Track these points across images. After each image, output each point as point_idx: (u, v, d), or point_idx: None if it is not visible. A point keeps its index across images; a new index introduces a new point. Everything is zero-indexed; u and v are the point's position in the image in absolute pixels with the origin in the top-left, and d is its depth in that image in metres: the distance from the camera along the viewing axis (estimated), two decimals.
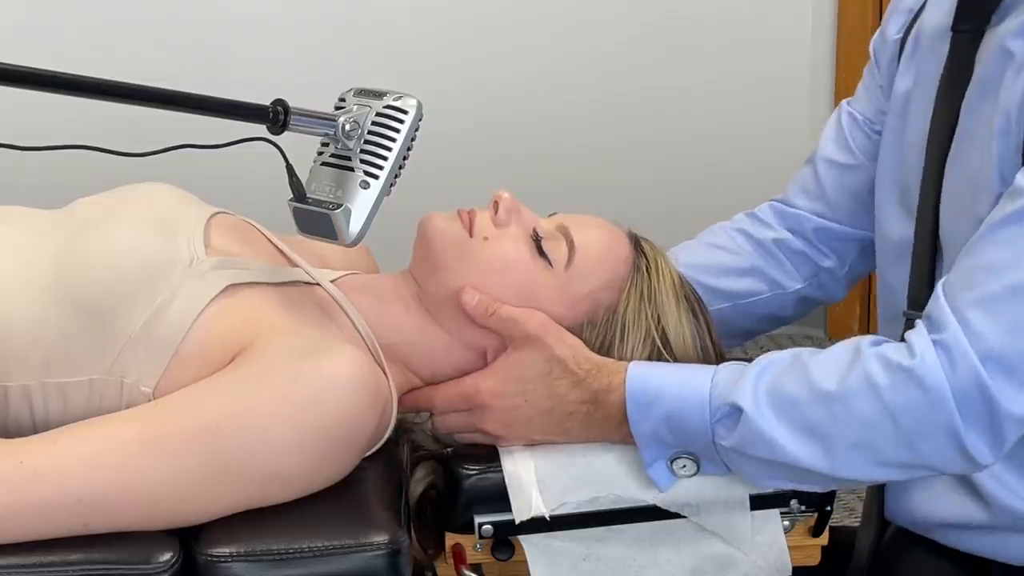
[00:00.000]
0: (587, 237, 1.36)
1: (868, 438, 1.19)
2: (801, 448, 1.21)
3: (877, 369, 1.19)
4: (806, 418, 1.21)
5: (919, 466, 1.22)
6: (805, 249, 1.59)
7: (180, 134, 1.23)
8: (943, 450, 1.18)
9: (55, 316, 1.25)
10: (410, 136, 1.25)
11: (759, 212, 1.63)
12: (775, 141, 3.24)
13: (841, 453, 1.20)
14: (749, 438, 1.22)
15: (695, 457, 1.27)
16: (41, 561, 1.14)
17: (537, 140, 3.16)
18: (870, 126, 1.54)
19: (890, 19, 1.51)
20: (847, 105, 1.58)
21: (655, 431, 1.27)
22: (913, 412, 1.17)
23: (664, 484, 1.29)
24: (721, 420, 1.24)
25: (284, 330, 1.27)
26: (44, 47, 2.32)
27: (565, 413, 1.30)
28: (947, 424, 1.17)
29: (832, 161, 1.57)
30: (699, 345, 1.36)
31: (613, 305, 1.35)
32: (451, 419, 1.35)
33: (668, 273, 1.38)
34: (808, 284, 1.60)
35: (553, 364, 1.31)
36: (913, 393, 1.17)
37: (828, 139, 1.58)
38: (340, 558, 1.17)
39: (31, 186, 1.91)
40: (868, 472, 1.23)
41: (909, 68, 1.44)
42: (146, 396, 1.24)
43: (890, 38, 1.50)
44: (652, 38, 3.20)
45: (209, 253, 1.32)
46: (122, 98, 1.13)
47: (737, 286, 1.58)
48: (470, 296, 1.32)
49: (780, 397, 1.22)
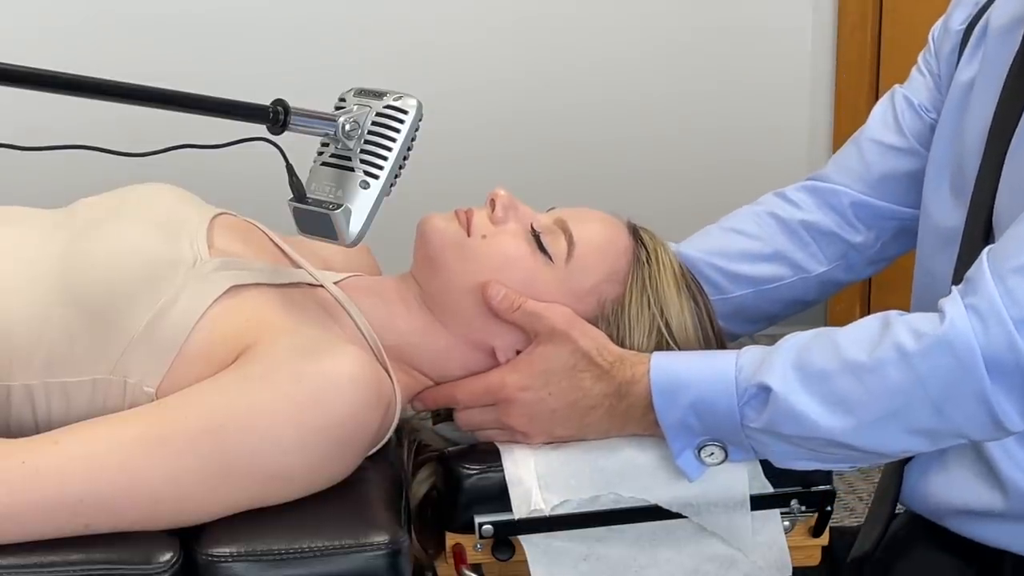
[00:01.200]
0: (586, 230, 1.36)
1: (899, 407, 1.19)
2: (833, 420, 1.21)
3: (907, 337, 1.19)
4: (837, 390, 1.21)
5: (949, 433, 1.22)
6: (835, 228, 1.58)
7: (180, 134, 1.23)
8: (972, 415, 1.18)
9: (58, 316, 1.25)
10: (410, 136, 1.25)
11: (789, 192, 1.61)
12: (775, 142, 3.25)
13: (873, 423, 1.20)
14: (779, 416, 1.23)
15: (723, 444, 1.28)
16: (41, 561, 1.14)
17: (537, 142, 3.16)
18: (925, 112, 1.54)
19: (954, 10, 1.51)
20: (901, 89, 1.58)
21: (682, 419, 1.27)
22: (942, 377, 1.17)
23: (693, 474, 1.29)
24: (749, 402, 1.24)
25: (287, 330, 1.27)
26: (44, 47, 2.32)
27: (588, 407, 1.31)
28: (977, 388, 1.17)
29: (880, 142, 1.56)
30: (700, 334, 1.37)
31: (619, 298, 1.35)
32: (475, 415, 1.35)
33: (668, 263, 1.38)
34: (834, 266, 1.59)
35: (578, 357, 1.31)
36: (943, 358, 1.17)
37: (877, 120, 1.58)
38: (340, 558, 1.18)
39: (31, 186, 1.92)
40: (898, 442, 1.23)
41: (974, 58, 1.45)
42: (149, 396, 1.24)
43: (953, 28, 1.50)
44: (652, 39, 3.20)
45: (212, 254, 1.32)
46: (122, 98, 1.13)
47: (759, 271, 1.57)
48: (496, 291, 1.32)
49: (810, 371, 1.22)
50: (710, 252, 1.53)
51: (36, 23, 2.88)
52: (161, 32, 2.93)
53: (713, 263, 1.54)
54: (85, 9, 2.91)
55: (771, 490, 1.32)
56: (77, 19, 2.90)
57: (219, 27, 2.99)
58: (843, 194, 1.58)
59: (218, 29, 2.99)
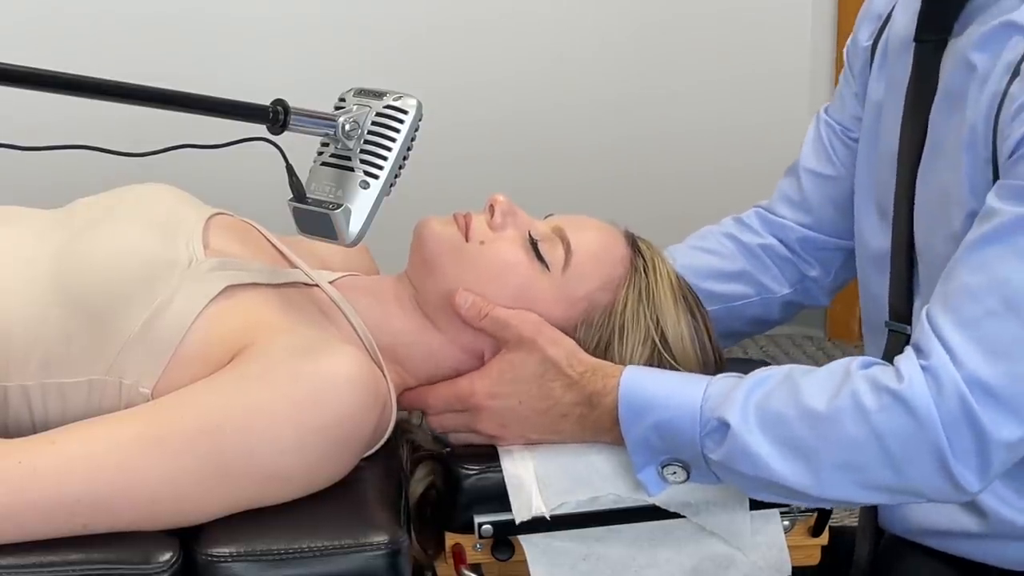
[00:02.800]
0: (583, 238, 1.36)
1: (854, 460, 1.18)
2: (786, 466, 1.20)
3: (865, 391, 1.18)
4: (792, 436, 1.20)
5: (906, 491, 1.20)
6: (790, 256, 1.60)
7: (180, 134, 1.23)
8: (930, 476, 1.17)
9: (54, 316, 1.25)
10: (410, 136, 1.25)
11: (745, 218, 1.63)
12: (774, 142, 3.22)
13: (827, 473, 1.19)
14: (735, 454, 1.22)
15: (685, 466, 1.27)
16: (41, 561, 1.14)
17: (537, 141, 3.16)
18: (847, 134, 1.54)
19: (861, 25, 1.51)
20: (824, 114, 1.58)
21: (645, 438, 1.27)
22: (900, 436, 1.16)
23: (654, 489, 1.29)
24: (710, 434, 1.23)
25: (283, 330, 1.27)
26: (44, 47, 2.32)
27: (559, 414, 1.31)
28: (934, 449, 1.15)
29: (813, 172, 1.58)
30: (698, 345, 1.36)
31: (609, 305, 1.35)
32: (446, 419, 1.35)
33: (666, 273, 1.38)
34: (794, 290, 1.61)
35: (547, 367, 1.31)
36: (901, 417, 1.16)
37: (809, 148, 1.59)
38: (340, 558, 1.17)
39: (31, 186, 1.92)
40: (854, 495, 1.22)
41: (880, 76, 1.44)
42: (145, 397, 1.24)
43: (861, 45, 1.50)
44: (651, 39, 3.20)
45: (208, 254, 1.32)
46: (122, 98, 1.13)
47: (726, 289, 1.58)
48: (463, 299, 1.32)
49: (768, 414, 1.21)
50: (681, 268, 1.52)
51: (36, 23, 2.88)
52: (161, 32, 2.93)
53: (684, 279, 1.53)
54: (85, 9, 2.91)
55: None
56: (77, 19, 2.90)
57: (219, 27, 2.99)
58: (789, 229, 1.60)
59: (218, 29, 2.99)
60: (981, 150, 1.24)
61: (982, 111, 1.24)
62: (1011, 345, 1.15)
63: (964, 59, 1.28)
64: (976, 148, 1.25)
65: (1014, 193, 1.18)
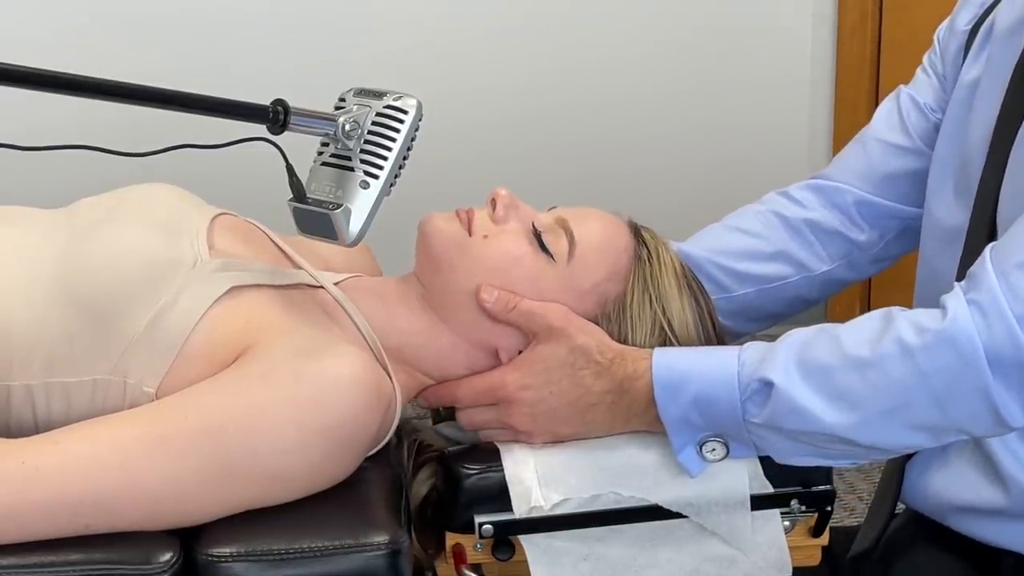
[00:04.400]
0: (587, 229, 1.36)
1: (901, 402, 1.19)
2: (835, 415, 1.21)
3: (909, 333, 1.19)
4: (839, 385, 1.21)
5: (950, 429, 1.21)
6: (839, 226, 1.58)
7: (180, 134, 1.23)
8: (974, 410, 1.18)
9: (58, 316, 1.25)
10: (410, 136, 1.25)
11: (793, 191, 1.61)
12: (775, 141, 3.25)
13: (875, 419, 1.20)
14: (782, 411, 1.22)
15: (724, 440, 1.27)
16: (41, 561, 1.14)
17: (537, 141, 3.16)
18: (930, 111, 1.54)
19: (960, 11, 1.52)
20: (906, 88, 1.58)
21: (684, 415, 1.27)
22: (945, 372, 1.17)
23: (695, 470, 1.29)
24: (751, 397, 1.24)
25: (287, 331, 1.27)
26: (44, 47, 2.32)
27: (589, 404, 1.31)
28: (979, 383, 1.17)
29: (886, 142, 1.57)
30: (702, 332, 1.37)
31: (621, 296, 1.35)
32: (477, 414, 1.35)
33: (669, 261, 1.38)
34: (837, 265, 1.59)
35: (577, 355, 1.31)
36: (945, 354, 1.17)
37: (882, 120, 1.58)
38: (340, 558, 1.17)
39: (31, 186, 1.92)
40: (900, 437, 1.23)
41: (979, 58, 1.45)
42: (149, 397, 1.24)
43: (959, 28, 1.50)
44: (652, 39, 3.20)
45: (212, 255, 1.32)
46: (122, 98, 1.13)
47: (763, 270, 1.57)
48: (488, 293, 1.32)
49: (812, 366, 1.22)
50: (714, 251, 1.53)
51: (37, 23, 2.88)
52: (161, 32, 2.93)
53: (717, 262, 1.54)
54: (85, 9, 2.91)
55: (771, 490, 1.32)
56: (78, 19, 2.90)
57: (219, 27, 2.99)
58: (847, 192, 1.58)
59: (218, 29, 2.99)
60: None
61: None
62: None
63: None
64: None
65: None
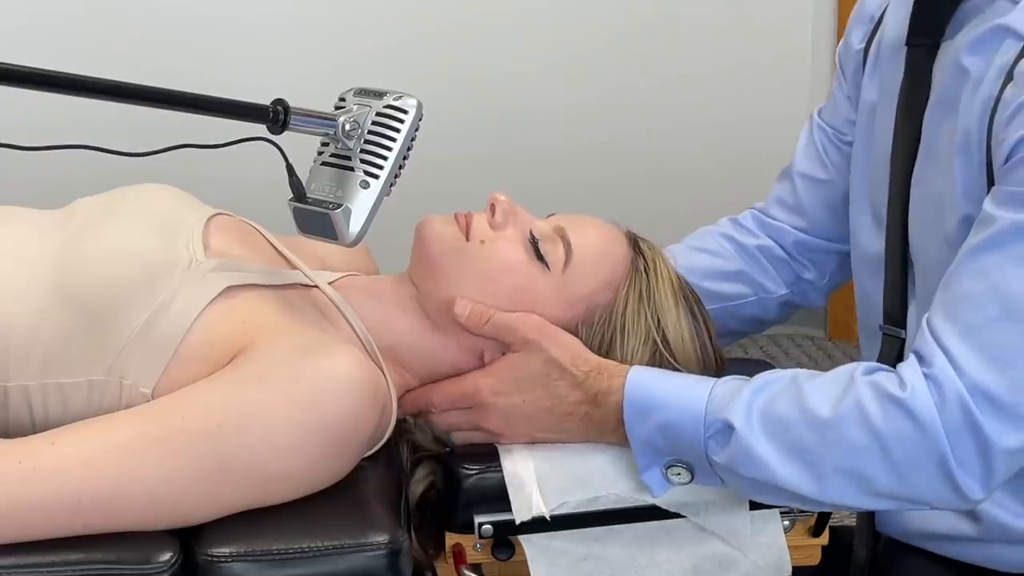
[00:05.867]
0: (584, 238, 1.36)
1: (857, 466, 1.18)
2: (790, 471, 1.20)
3: (870, 397, 1.18)
4: (796, 441, 1.20)
5: (909, 499, 1.20)
6: (786, 258, 1.61)
7: (180, 134, 1.23)
8: (933, 484, 1.17)
9: (55, 316, 1.25)
10: (410, 136, 1.25)
11: (742, 219, 1.64)
12: (774, 140, 3.22)
13: (830, 479, 1.19)
14: (739, 457, 1.22)
15: (689, 467, 1.27)
16: (41, 561, 1.14)
17: (536, 140, 3.17)
18: (840, 138, 1.54)
19: (853, 28, 1.50)
20: (817, 117, 1.58)
21: (650, 439, 1.27)
22: (904, 443, 1.16)
23: (657, 490, 1.29)
24: (714, 435, 1.23)
25: (283, 331, 1.27)
26: (44, 47, 2.32)
27: (564, 413, 1.31)
28: (938, 458, 1.15)
29: (806, 176, 1.58)
30: (698, 345, 1.37)
31: (610, 304, 1.35)
32: (451, 417, 1.35)
33: (667, 273, 1.38)
34: (791, 291, 1.62)
35: (551, 367, 1.31)
36: (904, 424, 1.16)
37: (801, 152, 1.59)
38: (340, 558, 1.17)
39: (31, 186, 1.92)
40: (857, 501, 1.22)
41: (874, 79, 1.44)
42: (145, 397, 1.24)
43: (853, 47, 1.49)
44: (651, 37, 3.20)
45: (208, 255, 1.32)
46: (122, 98, 1.13)
47: (724, 288, 1.58)
48: (462, 307, 1.32)
49: (772, 418, 1.21)
50: (680, 268, 1.52)
51: (36, 23, 2.88)
52: (161, 32, 2.93)
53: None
54: (85, 8, 2.91)
55: None
56: (77, 19, 2.90)
57: (219, 27, 2.99)
58: (784, 232, 1.60)
59: (218, 29, 2.99)
60: (975, 154, 1.24)
61: (975, 115, 1.24)
62: (1012, 353, 1.15)
63: (956, 63, 1.28)
64: (969, 152, 1.24)
65: (1010, 199, 1.17)
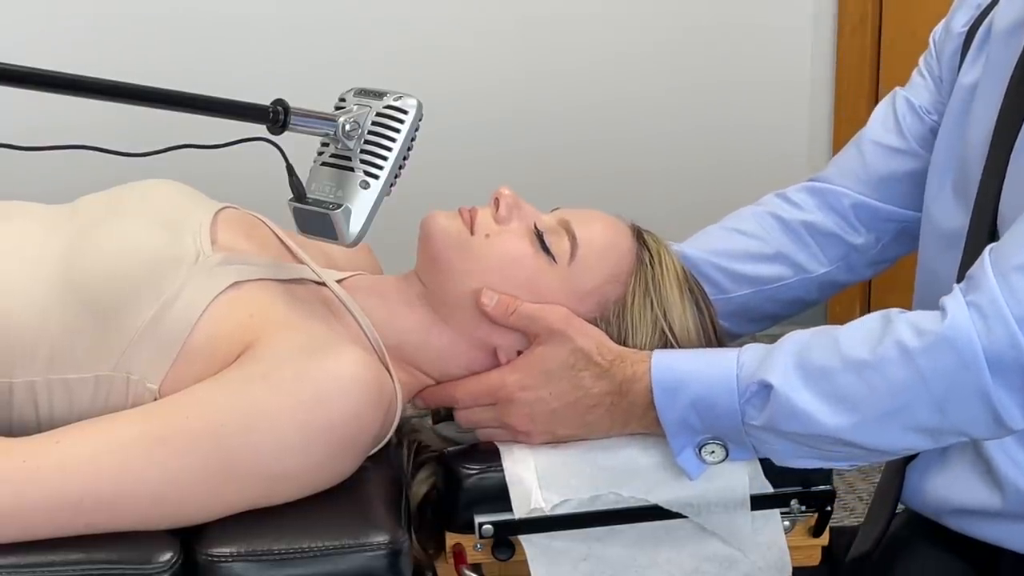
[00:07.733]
0: (589, 231, 1.36)
1: (901, 404, 1.19)
2: (834, 417, 1.21)
3: (909, 335, 1.19)
4: (838, 387, 1.21)
5: (950, 431, 1.21)
6: (836, 229, 1.58)
7: (180, 134, 1.23)
8: (974, 413, 1.18)
9: (61, 312, 1.25)
10: (410, 136, 1.25)
11: (790, 193, 1.61)
12: (775, 142, 3.25)
13: (874, 421, 1.20)
14: (780, 413, 1.22)
15: (723, 442, 1.27)
16: (41, 561, 1.14)
17: (537, 142, 3.17)
18: (926, 114, 1.54)
19: (956, 12, 1.51)
20: (902, 91, 1.58)
21: (683, 417, 1.27)
22: (944, 375, 1.17)
23: (694, 472, 1.29)
24: (750, 400, 1.24)
25: (290, 327, 1.27)
26: (44, 47, 2.32)
27: (588, 405, 1.31)
28: (978, 385, 1.16)
29: (881, 144, 1.56)
30: (703, 337, 1.37)
31: (621, 299, 1.35)
32: (475, 414, 1.35)
33: (671, 265, 1.38)
34: (835, 267, 1.59)
35: (577, 356, 1.31)
36: (944, 356, 1.17)
37: (878, 122, 1.58)
38: (340, 558, 1.18)
39: (31, 186, 1.91)
40: (899, 439, 1.23)
41: (976, 61, 1.45)
42: (152, 393, 1.24)
43: (955, 31, 1.50)
44: (653, 40, 3.20)
45: (215, 249, 1.32)
46: (122, 98, 1.13)
47: (761, 271, 1.57)
48: (489, 297, 1.32)
49: (811, 368, 1.22)
50: (713, 252, 1.53)
51: (37, 23, 2.88)
52: (161, 32, 2.93)
53: (716, 263, 1.54)
54: (86, 9, 2.91)
55: (771, 490, 1.32)
56: (78, 19, 2.90)
57: (219, 27, 2.99)
58: (844, 196, 1.58)
59: (218, 29, 2.99)
60: None
61: None
62: None
63: None
64: None
65: None
